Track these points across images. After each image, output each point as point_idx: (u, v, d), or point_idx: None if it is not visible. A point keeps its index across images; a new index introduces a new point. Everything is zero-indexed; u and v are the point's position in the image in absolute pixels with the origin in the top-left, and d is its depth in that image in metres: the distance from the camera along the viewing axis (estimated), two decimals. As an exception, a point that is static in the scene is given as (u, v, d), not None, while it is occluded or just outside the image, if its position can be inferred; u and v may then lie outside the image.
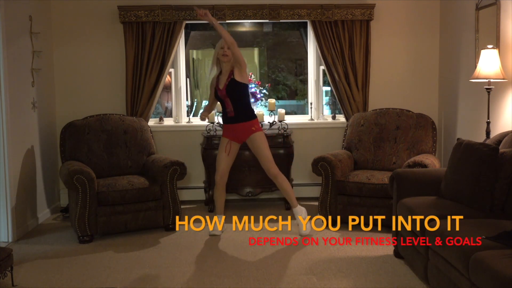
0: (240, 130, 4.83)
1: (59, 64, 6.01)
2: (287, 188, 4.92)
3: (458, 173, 3.81)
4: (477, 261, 2.77)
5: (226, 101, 4.78)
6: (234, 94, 4.76)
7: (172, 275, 3.97)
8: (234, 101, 4.77)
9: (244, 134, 4.83)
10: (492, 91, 4.56)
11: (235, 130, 4.84)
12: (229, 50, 4.72)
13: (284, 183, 4.90)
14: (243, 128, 4.82)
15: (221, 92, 4.77)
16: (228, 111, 4.81)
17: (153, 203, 5.00)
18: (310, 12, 5.94)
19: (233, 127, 4.84)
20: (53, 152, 5.86)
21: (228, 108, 4.80)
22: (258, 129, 4.85)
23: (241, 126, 4.81)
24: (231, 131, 4.86)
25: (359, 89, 6.00)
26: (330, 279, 3.86)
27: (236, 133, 4.84)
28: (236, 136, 4.86)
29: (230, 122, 4.84)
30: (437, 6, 6.13)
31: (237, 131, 4.84)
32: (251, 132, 4.81)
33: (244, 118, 4.81)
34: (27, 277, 3.96)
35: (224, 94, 4.76)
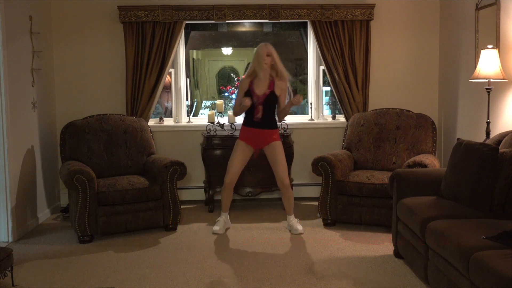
0: (262, 136, 4.88)
1: (59, 64, 6.02)
2: (292, 200, 5.02)
3: (458, 173, 3.81)
4: (477, 261, 2.77)
5: (259, 108, 4.84)
6: (269, 104, 4.85)
7: (172, 275, 3.97)
8: (266, 110, 4.85)
9: (265, 141, 4.89)
10: (492, 91, 4.56)
11: (258, 135, 4.88)
12: (268, 57, 4.79)
13: (291, 195, 5.01)
14: (266, 135, 4.88)
15: (259, 99, 4.82)
16: (256, 117, 4.85)
17: (153, 203, 5.00)
18: (310, 12, 5.94)
19: (256, 132, 4.88)
20: (53, 152, 5.86)
21: (258, 114, 4.85)
22: (278, 138, 4.94)
23: (265, 132, 4.88)
24: (252, 135, 4.89)
25: (359, 89, 6.00)
26: (330, 279, 3.86)
27: (257, 138, 4.89)
28: (256, 141, 4.90)
29: (255, 127, 4.88)
30: (437, 6, 6.14)
31: (259, 137, 4.89)
32: (272, 140, 4.88)
33: (269, 126, 4.90)
34: (27, 277, 3.96)
35: (261, 102, 4.82)
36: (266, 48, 4.81)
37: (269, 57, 4.81)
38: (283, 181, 4.91)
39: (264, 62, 4.79)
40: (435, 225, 3.38)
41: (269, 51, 4.81)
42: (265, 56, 4.79)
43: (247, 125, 4.93)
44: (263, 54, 4.79)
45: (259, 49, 4.83)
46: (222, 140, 5.75)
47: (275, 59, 4.83)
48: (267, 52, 4.80)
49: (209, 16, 5.93)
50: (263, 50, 4.81)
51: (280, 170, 4.89)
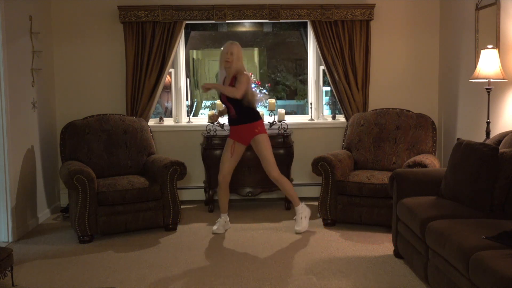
0: (243, 131, 4.90)
1: (59, 64, 6.01)
2: (288, 189, 4.98)
3: (458, 173, 3.81)
4: (477, 261, 2.77)
5: (229, 106, 4.90)
6: (234, 100, 4.81)
7: (172, 275, 3.97)
8: (236, 106, 4.86)
9: (248, 136, 4.90)
10: (492, 91, 4.56)
11: (239, 131, 4.92)
12: (231, 55, 4.80)
13: (285, 185, 4.96)
14: (247, 129, 4.89)
15: (223, 97, 4.87)
16: (231, 114, 4.92)
17: (153, 203, 5.00)
18: (310, 12, 5.94)
19: (237, 128, 4.93)
20: (53, 152, 5.86)
21: (231, 112, 4.92)
22: (262, 131, 4.90)
23: (245, 127, 4.89)
24: (236, 132, 4.94)
25: (359, 89, 6.00)
26: (330, 279, 3.86)
27: (240, 134, 4.91)
28: (241, 137, 4.92)
29: (234, 124, 4.95)
30: (437, 6, 6.13)
31: (241, 132, 4.91)
32: (254, 134, 4.88)
33: (247, 120, 4.88)
34: (27, 277, 3.96)
35: (225, 100, 4.87)
36: (230, 47, 4.82)
37: (232, 56, 4.80)
38: (270, 173, 4.92)
39: (227, 59, 4.80)
40: (435, 225, 3.38)
41: (232, 50, 4.80)
42: (229, 55, 4.80)
43: (229, 124, 5.03)
44: (228, 52, 4.80)
45: (225, 47, 4.86)
46: (222, 140, 5.74)
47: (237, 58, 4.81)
48: (231, 51, 4.80)
49: (209, 16, 5.94)
50: (227, 48, 4.82)
51: (265, 163, 4.90)
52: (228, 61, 4.81)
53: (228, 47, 4.83)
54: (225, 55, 4.82)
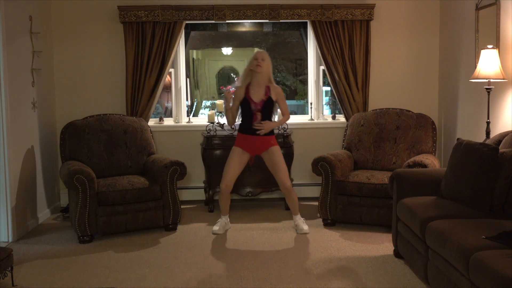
0: (260, 143, 4.88)
1: (59, 64, 6.02)
2: (296, 200, 5.01)
3: (458, 173, 3.81)
4: (477, 261, 2.77)
5: (257, 115, 4.85)
6: (267, 111, 4.87)
7: (172, 275, 3.97)
8: (266, 116, 4.88)
9: (263, 147, 4.89)
10: (492, 91, 4.56)
11: (254, 141, 4.88)
12: (263, 61, 4.83)
13: (294, 195, 5.00)
14: (263, 141, 4.88)
15: (256, 106, 4.84)
16: (256, 123, 4.86)
17: (153, 203, 5.00)
18: (310, 12, 5.94)
19: (254, 139, 4.88)
20: (53, 152, 5.86)
21: (256, 121, 4.86)
22: (276, 143, 4.96)
23: (262, 139, 4.88)
24: (249, 142, 4.89)
25: (359, 89, 6.00)
26: (330, 279, 3.86)
27: (254, 144, 4.89)
28: (253, 147, 4.90)
29: (253, 134, 4.87)
30: (437, 6, 6.14)
31: (256, 144, 4.89)
32: (270, 145, 4.89)
33: (267, 132, 4.89)
34: (27, 277, 3.96)
35: (259, 109, 4.84)
36: (261, 54, 4.88)
37: (264, 62, 4.85)
38: (285, 185, 4.91)
39: (258, 64, 4.82)
40: (435, 225, 3.38)
41: (264, 57, 4.87)
42: (260, 60, 4.84)
43: (244, 132, 4.92)
44: (259, 58, 4.84)
45: (256, 54, 4.91)
46: (222, 140, 5.75)
47: (268, 66, 4.88)
48: (262, 57, 4.85)
49: (209, 16, 5.94)
50: (259, 55, 4.87)
51: (281, 174, 4.90)
52: (260, 66, 4.81)
53: (260, 54, 4.88)
54: (256, 60, 4.83)
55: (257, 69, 4.83)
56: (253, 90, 4.87)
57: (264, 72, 4.85)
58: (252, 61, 4.87)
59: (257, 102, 4.84)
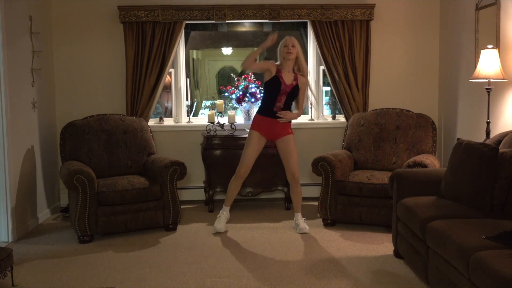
0: (279, 127, 4.88)
1: (59, 64, 6.02)
2: (300, 194, 5.02)
3: (458, 173, 3.81)
4: (477, 261, 2.77)
5: (282, 97, 4.83)
6: (292, 96, 4.87)
7: (172, 275, 3.97)
8: (288, 101, 4.87)
9: (281, 132, 4.88)
10: (492, 91, 4.56)
11: (275, 125, 4.87)
12: (294, 48, 4.81)
13: (300, 190, 5.01)
14: (283, 126, 4.88)
15: (286, 88, 4.82)
16: (278, 105, 4.84)
17: (153, 203, 5.00)
18: (310, 12, 5.94)
19: (273, 122, 4.86)
20: (53, 152, 5.86)
21: (279, 103, 4.84)
22: (292, 132, 4.96)
23: (282, 124, 4.88)
24: (268, 125, 4.87)
25: (359, 89, 6.00)
26: (330, 279, 3.86)
27: (273, 128, 4.88)
28: (271, 131, 4.88)
29: (273, 117, 4.85)
30: (437, 6, 6.14)
31: (275, 127, 4.87)
32: (287, 133, 4.89)
33: None
34: (27, 277, 3.96)
35: (287, 92, 4.82)
36: (291, 40, 4.85)
37: (295, 48, 4.82)
38: (294, 175, 4.91)
39: (289, 51, 4.80)
40: (435, 225, 3.38)
41: (294, 43, 4.84)
42: (290, 47, 4.81)
43: (264, 114, 4.89)
44: (289, 44, 4.82)
45: (286, 40, 4.86)
46: (222, 140, 5.75)
47: (299, 52, 4.86)
48: (293, 44, 4.83)
49: (209, 16, 5.94)
50: (290, 41, 4.84)
51: (292, 163, 4.89)
52: (291, 52, 4.79)
53: (289, 40, 4.84)
54: (287, 47, 4.80)
55: (288, 56, 4.81)
56: (285, 74, 4.85)
57: (295, 58, 4.83)
58: (282, 48, 4.84)
59: (288, 85, 4.82)
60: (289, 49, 4.80)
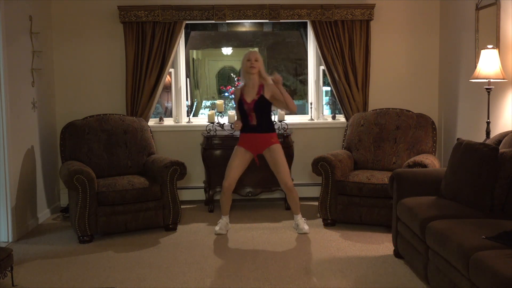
0: (260, 140, 4.89)
1: (59, 64, 6.02)
2: (297, 199, 5.01)
3: (458, 173, 3.81)
4: (477, 261, 2.77)
5: (251, 115, 4.86)
6: (261, 110, 4.86)
7: (172, 275, 3.97)
8: (259, 116, 4.87)
9: (264, 145, 4.89)
10: (492, 91, 4.56)
11: (255, 139, 4.89)
12: (256, 62, 4.82)
13: (296, 195, 4.99)
14: (264, 139, 4.89)
15: (248, 106, 4.84)
16: (252, 123, 4.88)
17: (153, 203, 5.00)
18: (310, 12, 5.94)
19: (253, 137, 4.89)
20: (53, 152, 5.86)
21: (252, 122, 4.87)
22: (277, 141, 4.94)
23: (262, 136, 4.88)
24: (250, 141, 4.90)
25: (359, 89, 6.00)
26: (330, 279, 3.86)
27: (255, 143, 4.89)
28: (255, 145, 4.90)
29: (252, 132, 4.89)
30: (437, 6, 6.14)
31: (257, 141, 4.89)
32: (271, 143, 4.89)
33: (266, 130, 4.90)
34: (27, 277, 3.96)
35: (251, 108, 4.84)
36: (254, 55, 4.86)
37: (257, 63, 4.84)
38: (286, 184, 4.91)
39: (252, 65, 4.81)
40: (435, 225, 3.38)
41: (257, 57, 4.86)
42: (253, 61, 4.83)
43: (244, 131, 4.93)
44: (252, 59, 4.83)
45: (248, 54, 4.88)
46: (222, 140, 5.75)
47: (261, 67, 4.87)
48: (255, 58, 4.84)
49: (209, 16, 5.94)
50: (252, 55, 4.85)
51: (282, 172, 4.90)
52: (254, 67, 4.81)
53: (252, 54, 4.85)
54: (250, 62, 4.81)
55: (251, 71, 4.83)
56: (247, 90, 4.88)
57: (258, 72, 4.85)
58: (246, 63, 4.86)
59: (249, 103, 4.84)
60: (252, 63, 4.82)
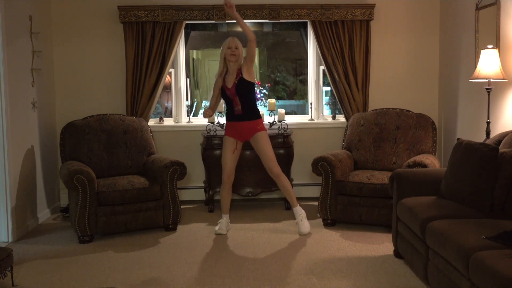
0: (245, 128, 4.87)
1: (59, 64, 6.02)
2: (288, 187, 4.97)
3: (458, 173, 3.81)
4: (477, 261, 2.77)
5: (235, 100, 4.83)
6: (243, 92, 4.82)
7: (172, 275, 3.97)
8: (243, 100, 4.83)
9: (249, 132, 4.87)
10: (492, 91, 4.56)
11: (241, 128, 4.87)
12: (237, 50, 4.80)
13: (285, 183, 4.95)
14: (249, 127, 4.86)
15: (230, 91, 4.82)
16: (236, 109, 4.85)
17: (153, 203, 5.00)
18: (310, 12, 5.94)
19: (239, 125, 4.87)
20: (53, 152, 5.86)
21: (236, 107, 4.84)
22: (263, 128, 4.91)
23: (247, 124, 4.86)
24: (236, 129, 4.89)
25: (359, 89, 6.00)
26: (330, 279, 3.86)
27: (241, 131, 4.88)
28: (241, 134, 4.89)
29: (237, 120, 4.87)
30: (437, 6, 6.14)
31: (242, 129, 4.87)
32: (256, 131, 4.87)
33: (251, 117, 4.87)
34: (27, 277, 3.96)
35: (234, 93, 4.81)
36: (235, 42, 4.84)
37: (238, 50, 4.83)
38: (271, 170, 4.90)
39: (232, 53, 4.79)
40: (435, 225, 3.38)
41: (237, 45, 4.84)
42: (234, 49, 4.81)
43: (229, 119, 4.93)
44: (232, 46, 4.81)
45: (228, 42, 4.83)
46: (222, 140, 5.73)
47: (241, 54, 4.85)
48: (236, 46, 4.83)
49: (209, 16, 5.94)
50: (233, 43, 4.82)
51: (266, 159, 4.88)
52: (234, 55, 4.80)
53: (232, 42, 4.82)
54: (231, 49, 4.79)
55: (231, 58, 4.82)
56: (228, 77, 4.87)
57: (239, 60, 4.85)
58: (226, 50, 4.82)
59: (230, 88, 4.83)
60: (232, 50, 4.81)
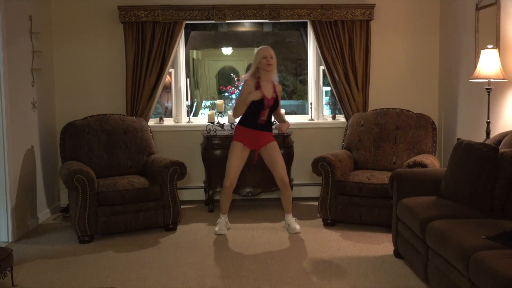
0: (262, 138, 4.92)
1: (59, 64, 6.02)
2: (291, 197, 5.03)
3: (458, 173, 3.81)
4: (477, 261, 2.77)
5: (265, 111, 4.86)
6: (274, 107, 4.92)
7: (172, 275, 3.97)
8: (270, 113, 4.92)
9: (264, 141, 4.92)
10: (492, 91, 4.56)
11: (258, 136, 4.90)
12: (272, 59, 4.83)
13: (290, 193, 5.02)
14: (265, 136, 4.93)
15: (268, 102, 4.84)
16: (261, 119, 4.88)
17: (153, 203, 5.00)
18: (310, 12, 5.94)
19: (257, 134, 4.90)
20: (53, 152, 5.86)
21: (262, 117, 4.88)
22: (274, 139, 5.01)
23: (265, 134, 4.93)
24: (251, 137, 4.89)
25: (359, 89, 6.00)
26: (330, 279, 3.86)
27: (256, 139, 4.91)
28: (255, 142, 4.91)
29: (258, 129, 4.89)
30: (437, 6, 6.14)
31: (258, 138, 4.91)
32: (270, 140, 4.93)
33: (269, 128, 4.97)
34: (27, 277, 3.96)
35: (270, 105, 4.86)
36: (269, 51, 4.85)
37: (273, 59, 4.85)
38: (283, 180, 4.91)
39: (268, 62, 4.81)
40: (435, 225, 3.38)
41: (272, 54, 4.86)
42: (269, 58, 4.83)
43: (248, 126, 4.89)
44: (268, 56, 4.82)
45: (264, 51, 4.84)
46: (222, 140, 5.75)
47: (275, 62, 4.89)
48: (271, 55, 4.84)
49: (209, 16, 5.94)
50: (268, 52, 4.83)
51: (279, 169, 4.91)
52: (270, 64, 4.82)
53: (267, 51, 4.83)
54: (266, 59, 4.80)
55: (268, 68, 4.82)
56: (264, 84, 4.87)
57: (274, 70, 4.88)
58: (261, 60, 4.82)
59: (269, 99, 4.85)
60: (268, 60, 4.81)
